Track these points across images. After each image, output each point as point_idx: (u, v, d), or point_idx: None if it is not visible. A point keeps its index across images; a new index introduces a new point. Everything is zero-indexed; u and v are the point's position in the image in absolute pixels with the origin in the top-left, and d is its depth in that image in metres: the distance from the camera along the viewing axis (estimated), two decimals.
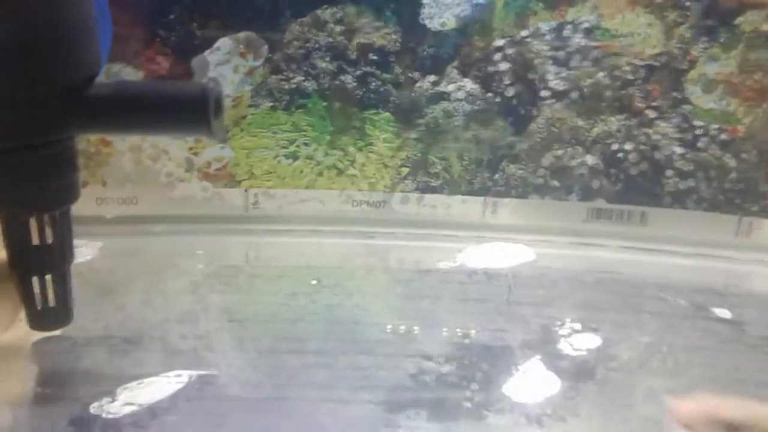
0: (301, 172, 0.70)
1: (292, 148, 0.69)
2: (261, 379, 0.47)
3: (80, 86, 0.40)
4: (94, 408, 0.41)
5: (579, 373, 0.48)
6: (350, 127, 0.69)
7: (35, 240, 0.46)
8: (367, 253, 0.69)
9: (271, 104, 0.68)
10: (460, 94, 0.67)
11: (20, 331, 0.48)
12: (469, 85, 0.67)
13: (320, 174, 0.70)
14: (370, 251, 0.69)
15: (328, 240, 0.71)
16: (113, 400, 0.42)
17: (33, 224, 0.45)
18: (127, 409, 0.41)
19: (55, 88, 0.38)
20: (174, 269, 0.65)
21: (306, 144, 0.69)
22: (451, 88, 0.67)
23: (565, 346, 0.52)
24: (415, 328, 0.54)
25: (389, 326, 0.55)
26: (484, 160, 0.69)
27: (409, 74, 0.67)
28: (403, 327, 0.54)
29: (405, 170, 0.70)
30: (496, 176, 0.69)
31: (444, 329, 0.54)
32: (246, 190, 0.70)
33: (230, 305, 0.60)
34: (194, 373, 0.46)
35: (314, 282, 0.62)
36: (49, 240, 0.46)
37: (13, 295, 0.48)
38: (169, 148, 0.68)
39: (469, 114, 0.68)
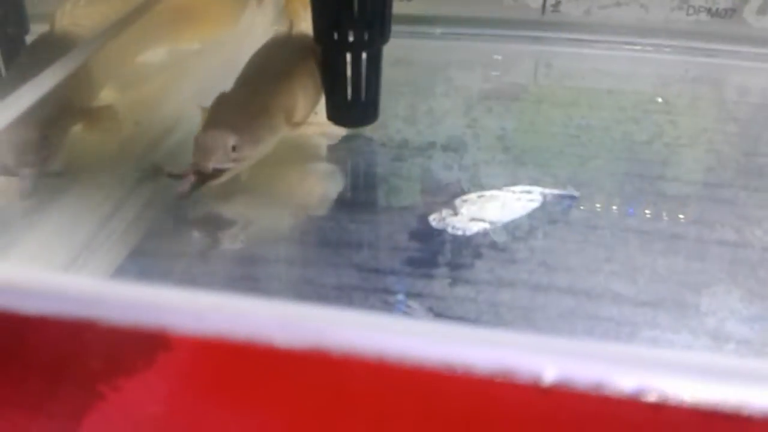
0: None
1: None
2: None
3: None
4: (434, 221, 0.32)
5: None
6: None
7: (354, 2, 0.36)
8: (695, 78, 0.53)
9: None
10: None
11: (317, 128, 0.40)
12: None
13: None
14: (701, 75, 0.53)
15: (646, 56, 0.55)
16: (455, 213, 0.32)
17: None
18: (477, 226, 0.32)
19: None
20: (446, 83, 0.53)
21: None
22: None
23: None
24: None
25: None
26: None
27: None
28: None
29: None
30: None
31: None
32: None
33: (506, 133, 0.48)
34: (549, 192, 0.34)
35: (617, 110, 0.48)
36: (368, 3, 0.36)
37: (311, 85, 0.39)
38: None
39: None
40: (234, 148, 0.32)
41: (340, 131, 0.40)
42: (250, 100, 0.35)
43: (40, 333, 0.19)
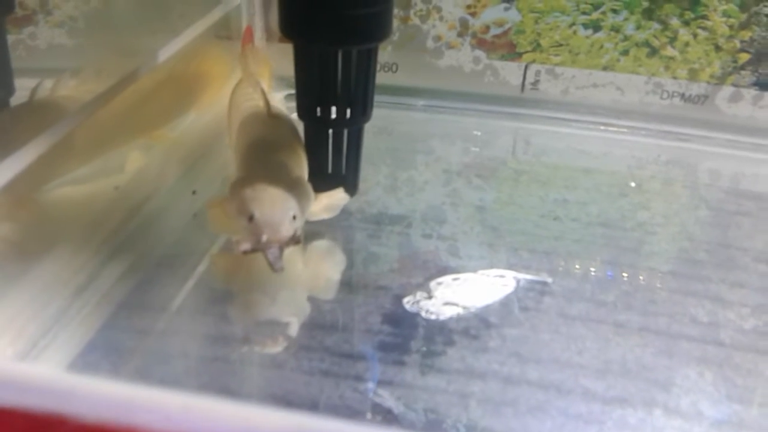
0: (601, 47, 0.55)
1: (595, 15, 0.54)
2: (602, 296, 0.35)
3: None
4: (408, 303, 0.32)
5: None
6: None
7: (337, 81, 0.37)
8: (669, 161, 0.54)
9: None
10: None
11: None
12: None
13: (625, 52, 0.55)
14: (674, 158, 0.54)
15: (621, 138, 0.56)
16: (429, 297, 0.33)
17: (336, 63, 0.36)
18: (451, 311, 0.32)
19: None
20: (427, 154, 0.54)
21: (615, 10, 0.54)
22: None
23: None
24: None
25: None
26: None
27: None
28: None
29: (745, 57, 0.53)
30: None
31: None
32: (526, 66, 0.57)
33: (485, 204, 0.48)
34: (522, 277, 0.35)
35: (592, 188, 0.49)
36: (352, 83, 0.37)
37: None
38: (442, 5, 0.56)
39: None
40: (294, 217, 0.31)
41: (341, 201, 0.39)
42: (278, 176, 0.33)
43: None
